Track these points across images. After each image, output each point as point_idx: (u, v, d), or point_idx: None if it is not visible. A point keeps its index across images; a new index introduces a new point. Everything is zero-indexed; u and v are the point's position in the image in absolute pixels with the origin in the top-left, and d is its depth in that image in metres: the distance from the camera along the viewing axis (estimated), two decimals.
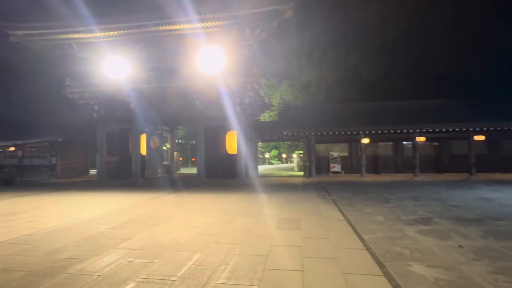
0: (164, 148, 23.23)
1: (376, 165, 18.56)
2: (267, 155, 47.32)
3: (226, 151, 17.09)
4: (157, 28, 14.57)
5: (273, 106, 27.50)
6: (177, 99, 16.73)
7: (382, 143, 18.62)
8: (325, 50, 30.10)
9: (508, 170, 17.01)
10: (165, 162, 21.76)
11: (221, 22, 14.18)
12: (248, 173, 16.64)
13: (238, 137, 16.19)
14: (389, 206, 7.80)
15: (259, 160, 43.14)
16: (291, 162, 44.24)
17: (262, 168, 31.48)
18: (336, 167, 18.75)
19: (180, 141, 39.50)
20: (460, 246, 4.38)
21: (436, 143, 18.17)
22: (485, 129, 14.99)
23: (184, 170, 29.45)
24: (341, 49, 29.93)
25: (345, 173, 18.67)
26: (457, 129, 15.08)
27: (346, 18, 29.04)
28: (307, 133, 16.81)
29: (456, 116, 16.29)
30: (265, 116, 29.31)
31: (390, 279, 3.30)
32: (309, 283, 3.19)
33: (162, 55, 16.60)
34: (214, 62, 14.65)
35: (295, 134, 16.94)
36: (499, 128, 15.01)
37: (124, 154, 17.97)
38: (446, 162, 17.93)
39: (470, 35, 25.01)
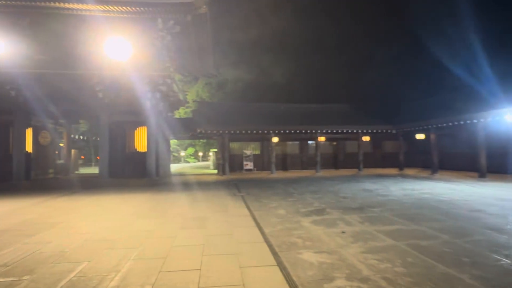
0: (61, 144, 20.13)
1: (285, 162, 19.97)
2: (183, 153, 45.88)
3: (135, 149, 15.83)
4: (45, 3, 12.42)
5: (189, 103, 26.81)
6: (77, 90, 14.63)
7: (290, 142, 20.13)
8: (242, 50, 30.88)
9: (387, 165, 20.53)
10: (59, 161, 18.84)
11: (126, 8, 12.99)
12: (159, 172, 15.76)
13: (148, 133, 15.14)
14: (291, 200, 8.46)
15: (174, 158, 41.48)
16: (208, 160, 43.91)
17: (176, 167, 30.34)
18: (249, 165, 19.43)
19: (82, 137, 34.90)
20: (343, 232, 5.04)
21: (334, 143, 20.61)
22: (370, 131, 17.73)
23: (85, 170, 26.08)
24: (257, 51, 31.14)
25: (257, 170, 19.52)
26: (349, 131, 17.42)
27: (262, 21, 30.30)
28: (221, 131, 16.92)
29: (349, 119, 18.80)
30: (180, 113, 28.34)
31: (282, 268, 3.54)
32: (205, 281, 3.17)
33: (57, 37, 14.22)
34: (122, 51, 13.32)
35: (209, 132, 16.85)
36: (380, 131, 17.95)
37: (3, 151, 14.83)
38: (342, 159, 20.54)
39: (364, 51, 29.42)
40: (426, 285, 3.05)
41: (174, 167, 28.63)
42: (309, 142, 20.10)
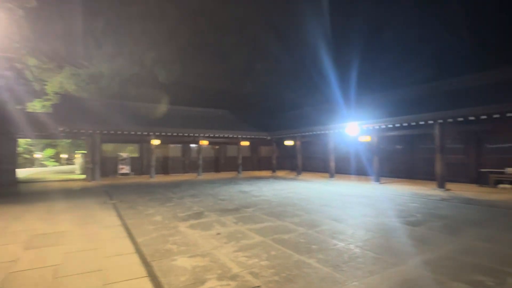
0: None
1: (166, 166, 19.22)
2: (38, 155, 37.66)
3: None
4: None
5: (48, 95, 22.30)
6: None
7: (172, 145, 19.54)
8: (122, 42, 28.01)
9: (263, 168, 22.63)
10: None
11: None
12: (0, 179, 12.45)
13: None
14: (170, 205, 8.22)
15: (24, 161, 33.47)
16: (74, 164, 37.38)
17: (30, 172, 24.64)
18: (125, 169, 17.76)
19: None
20: (218, 234, 5.27)
21: (216, 147, 21.24)
22: (248, 136, 19.17)
23: None
24: (139, 46, 28.87)
25: (135, 174, 18.04)
26: (230, 136, 18.35)
27: (152, 14, 28.34)
28: (90, 131, 14.83)
29: (231, 124, 19.81)
30: (36, 106, 23.21)
31: (153, 278, 3.41)
32: None
33: None
34: None
35: (76, 131, 14.49)
36: (257, 136, 19.66)
37: None
38: (223, 162, 21.38)
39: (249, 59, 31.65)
40: (283, 273, 3.54)
41: (26, 172, 23.17)
42: (192, 145, 20.03)
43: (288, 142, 18.84)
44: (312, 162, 20.54)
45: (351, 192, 10.72)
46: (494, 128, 10.36)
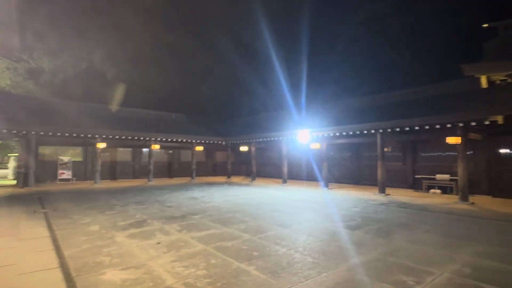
0: None
1: (113, 171, 18.04)
2: None
3: None
4: None
5: None
6: None
7: (121, 149, 18.42)
8: (69, 36, 25.95)
9: (218, 174, 22.35)
10: None
11: None
12: None
13: None
14: (111, 213, 7.67)
15: None
16: (7, 168, 33.33)
17: None
18: (66, 174, 16.30)
19: None
20: (158, 243, 5.00)
21: (170, 151, 20.50)
22: (203, 141, 18.83)
23: None
24: (87, 41, 26.98)
25: (77, 180, 16.63)
26: (184, 140, 17.86)
27: (94, 4, 26.63)
28: (24, 131, 13.38)
29: (185, 129, 19.29)
30: None
31: None
32: None
33: None
34: None
35: (6, 131, 12.95)
36: (212, 142, 19.39)
37: None
38: (176, 168, 20.69)
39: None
40: (219, 282, 3.45)
41: None
42: (143, 149, 19.09)
43: (243, 148, 18.88)
44: (266, 168, 20.81)
45: (301, 197, 11.01)
46: (426, 138, 11.42)
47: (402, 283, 3.48)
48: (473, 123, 8.92)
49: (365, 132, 11.69)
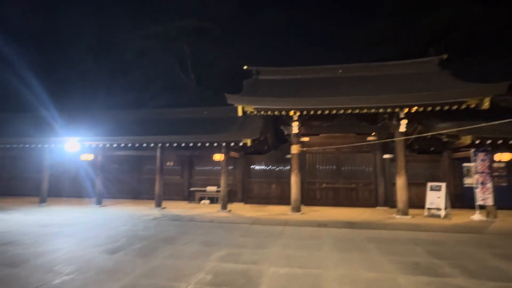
0: None
1: None
2: None
3: None
4: None
5: None
6: None
7: None
8: None
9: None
10: None
11: None
12: None
13: None
14: None
15: None
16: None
17: None
18: None
19: None
20: None
21: None
22: None
23: None
24: None
25: None
26: None
27: None
28: None
29: None
30: None
31: None
32: None
33: None
34: None
35: None
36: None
37: None
38: None
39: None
40: None
41: None
42: None
43: None
44: (20, 183, 15.85)
45: (59, 220, 8.95)
46: (200, 154, 12.67)
47: None
48: (232, 144, 10.83)
49: (144, 145, 11.43)
